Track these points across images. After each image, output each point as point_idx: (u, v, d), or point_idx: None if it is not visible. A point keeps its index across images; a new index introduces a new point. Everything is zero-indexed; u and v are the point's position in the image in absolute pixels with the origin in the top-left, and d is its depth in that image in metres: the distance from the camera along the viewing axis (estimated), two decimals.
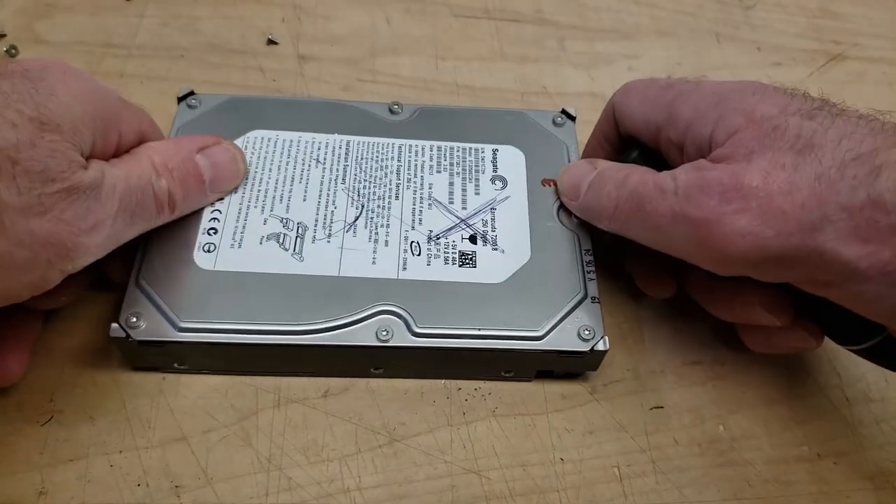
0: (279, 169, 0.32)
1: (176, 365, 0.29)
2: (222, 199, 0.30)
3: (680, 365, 0.32)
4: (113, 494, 0.26)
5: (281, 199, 0.31)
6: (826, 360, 0.33)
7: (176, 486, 0.27)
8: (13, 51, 0.41)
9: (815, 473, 0.29)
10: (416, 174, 0.33)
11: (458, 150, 0.34)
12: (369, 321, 0.28)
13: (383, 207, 0.31)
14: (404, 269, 0.29)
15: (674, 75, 0.45)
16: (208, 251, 0.29)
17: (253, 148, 0.32)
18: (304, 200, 0.31)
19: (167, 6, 0.45)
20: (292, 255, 0.29)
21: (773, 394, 0.31)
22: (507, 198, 0.32)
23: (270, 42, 0.43)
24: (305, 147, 0.33)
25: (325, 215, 0.31)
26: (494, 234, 0.31)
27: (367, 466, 0.28)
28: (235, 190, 0.31)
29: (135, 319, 0.27)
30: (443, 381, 0.30)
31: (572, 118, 0.36)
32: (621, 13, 0.49)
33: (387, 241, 0.30)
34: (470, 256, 0.30)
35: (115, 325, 0.26)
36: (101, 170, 0.24)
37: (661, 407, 0.31)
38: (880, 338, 0.25)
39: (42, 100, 0.22)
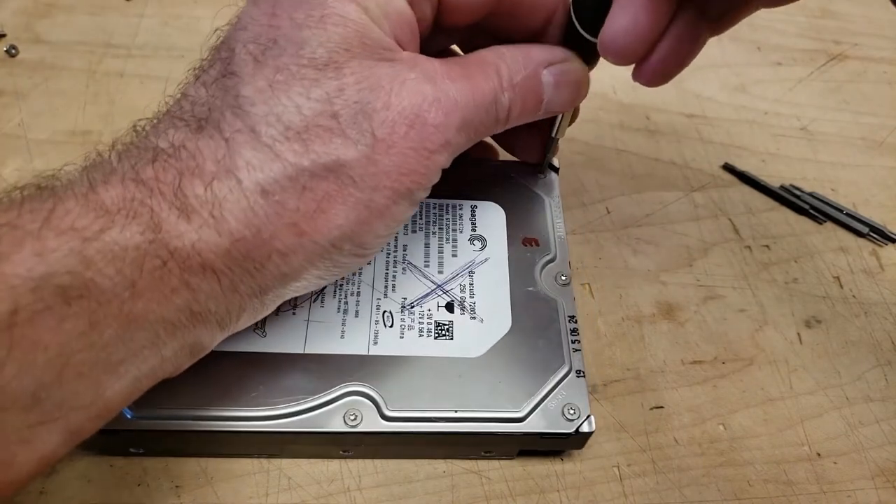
0: None
1: (132, 450, 0.27)
2: None
3: (680, 365, 0.32)
4: (113, 494, 0.26)
5: None
6: (826, 359, 0.33)
7: (176, 486, 0.27)
8: (13, 51, 0.41)
9: (815, 473, 0.29)
10: None
11: (434, 208, 0.32)
12: (336, 404, 0.26)
13: (354, 273, 0.29)
14: (375, 343, 0.27)
15: None
16: None
17: None
18: None
19: (167, 6, 0.45)
20: (255, 329, 0.27)
21: (773, 394, 0.31)
22: (486, 259, 0.30)
23: None
24: None
25: None
26: (473, 300, 0.29)
27: (366, 466, 0.28)
28: None
29: None
30: None
31: (556, 170, 0.34)
32: None
33: (357, 312, 0.28)
34: (447, 327, 0.28)
35: None
36: (431, 78, 0.23)
37: (661, 407, 0.31)
38: None
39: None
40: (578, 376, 0.27)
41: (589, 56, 0.27)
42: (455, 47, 0.30)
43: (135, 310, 0.19)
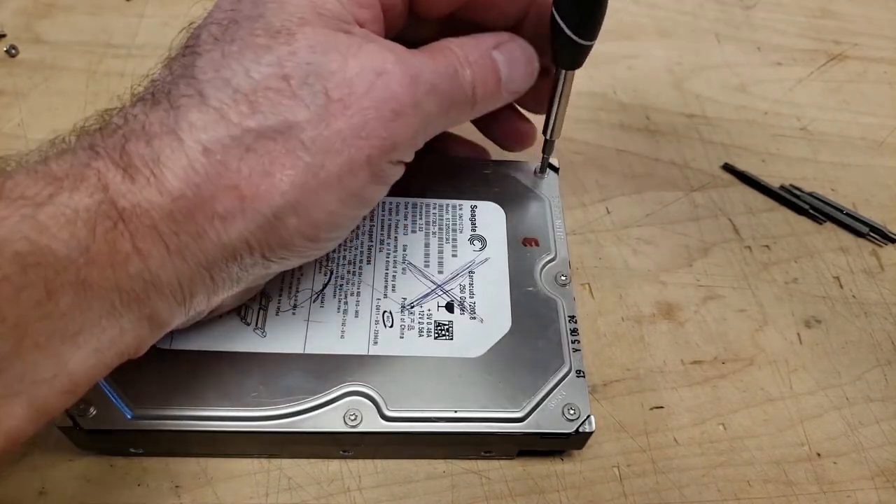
0: None
1: (132, 450, 0.27)
2: None
3: (680, 365, 0.32)
4: (113, 494, 0.26)
5: None
6: (826, 359, 0.33)
7: (176, 486, 0.27)
8: (13, 51, 0.41)
9: (815, 473, 0.29)
10: (389, 235, 0.31)
11: (434, 208, 0.32)
12: (336, 404, 0.26)
13: (354, 273, 0.29)
14: (375, 343, 0.27)
15: (674, 75, 0.45)
16: None
17: None
18: None
19: (167, 6, 0.45)
20: (254, 329, 0.27)
21: (773, 394, 0.31)
22: (486, 260, 0.30)
23: None
24: None
25: (291, 283, 0.28)
26: (473, 300, 0.29)
27: (367, 466, 0.28)
28: None
29: (84, 406, 0.24)
30: None
31: (556, 170, 0.34)
32: (621, 13, 0.49)
33: (357, 312, 0.28)
34: (446, 327, 0.28)
35: None
36: (388, 47, 0.23)
37: (661, 407, 0.31)
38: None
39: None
40: (578, 376, 0.27)
41: (574, 57, 0.27)
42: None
43: (90, 277, 0.19)
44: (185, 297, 0.22)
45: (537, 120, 0.32)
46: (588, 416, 0.26)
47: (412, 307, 0.29)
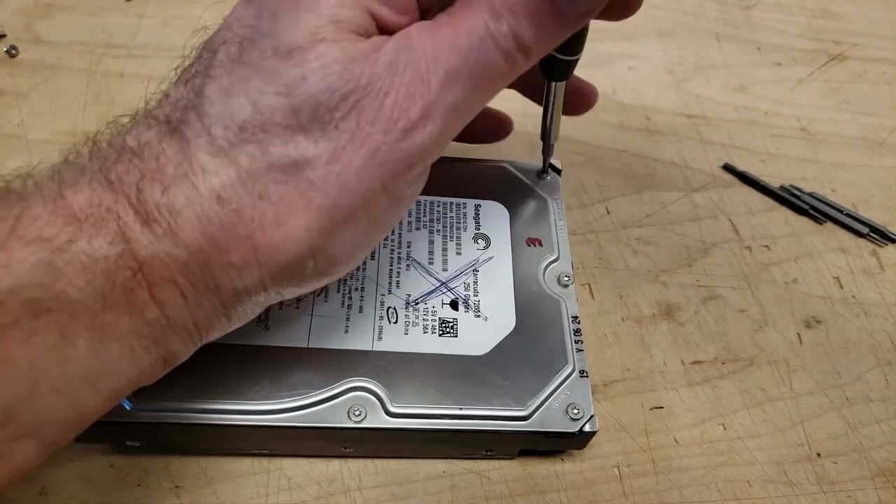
0: None
1: (129, 443, 0.27)
2: None
3: (680, 365, 0.32)
4: (113, 494, 0.26)
5: None
6: (826, 359, 0.33)
7: (176, 487, 0.27)
8: (13, 51, 0.41)
9: (815, 473, 0.29)
10: (393, 231, 0.31)
11: (438, 206, 0.32)
12: (340, 399, 0.26)
13: (358, 269, 0.29)
14: (379, 338, 0.27)
15: (674, 75, 0.45)
16: None
17: None
18: None
19: (167, 6, 0.45)
20: (258, 323, 0.27)
21: (773, 394, 0.31)
22: (490, 258, 0.30)
23: None
24: None
25: None
26: (477, 299, 0.29)
27: (367, 466, 0.28)
28: None
29: None
30: None
31: (558, 171, 0.34)
32: None
33: (361, 307, 0.28)
34: (451, 324, 0.28)
35: None
36: (394, 49, 0.20)
37: (661, 407, 0.31)
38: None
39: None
40: (582, 376, 0.27)
41: (561, 71, 0.27)
42: None
43: (107, 321, 0.18)
44: (202, 334, 0.22)
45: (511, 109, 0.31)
46: (591, 416, 0.26)
47: (416, 304, 0.29)
